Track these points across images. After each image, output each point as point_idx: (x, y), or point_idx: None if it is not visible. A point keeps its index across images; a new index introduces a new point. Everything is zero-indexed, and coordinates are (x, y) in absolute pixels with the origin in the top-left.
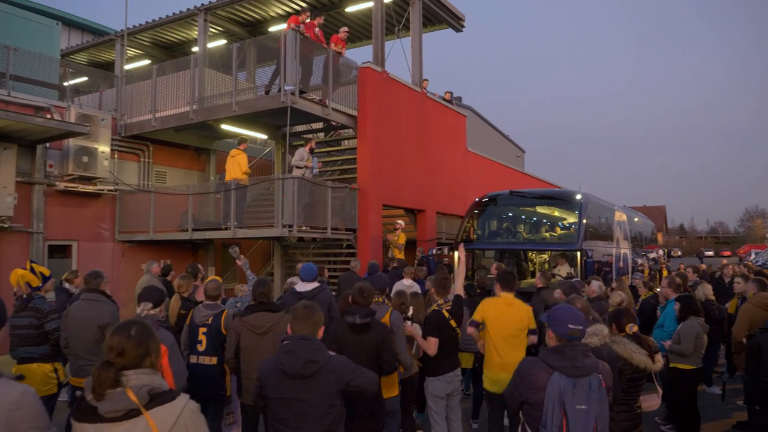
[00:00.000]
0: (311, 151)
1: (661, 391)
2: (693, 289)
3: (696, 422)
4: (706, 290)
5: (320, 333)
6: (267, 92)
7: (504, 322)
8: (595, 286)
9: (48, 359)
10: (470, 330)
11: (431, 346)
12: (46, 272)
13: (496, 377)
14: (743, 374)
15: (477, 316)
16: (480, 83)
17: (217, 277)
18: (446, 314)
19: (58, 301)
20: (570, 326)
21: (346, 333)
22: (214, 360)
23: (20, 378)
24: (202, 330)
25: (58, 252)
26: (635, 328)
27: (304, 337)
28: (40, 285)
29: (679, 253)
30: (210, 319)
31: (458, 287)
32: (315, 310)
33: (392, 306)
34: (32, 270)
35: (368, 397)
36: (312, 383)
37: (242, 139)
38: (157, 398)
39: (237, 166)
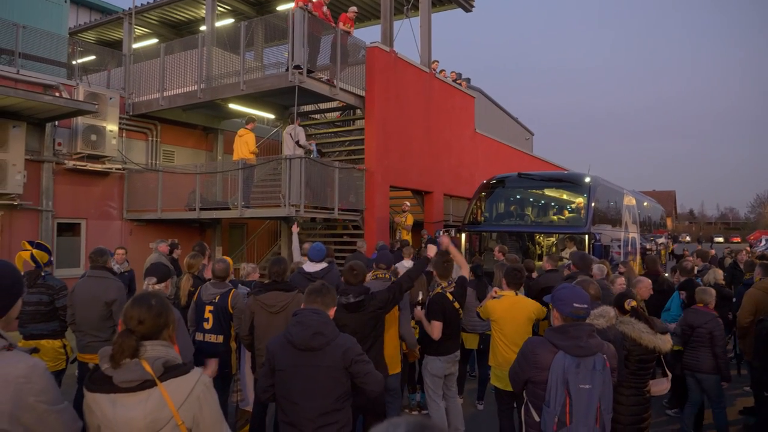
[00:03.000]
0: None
1: (670, 375)
2: (702, 274)
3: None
4: (717, 275)
5: (331, 313)
6: (287, 69)
7: (509, 320)
8: (596, 269)
9: (57, 335)
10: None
11: (435, 329)
12: (45, 257)
13: (504, 374)
14: (750, 359)
15: (483, 313)
16: (489, 65)
17: (228, 258)
18: (450, 297)
19: None
20: (575, 305)
21: (342, 313)
22: (220, 338)
23: (34, 351)
24: (209, 308)
25: (67, 230)
26: (633, 303)
27: (314, 310)
28: (49, 261)
29: (688, 239)
30: (217, 298)
31: (465, 272)
32: (330, 290)
33: None
34: (34, 252)
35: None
36: (319, 356)
37: (250, 119)
38: (171, 370)
39: (244, 146)
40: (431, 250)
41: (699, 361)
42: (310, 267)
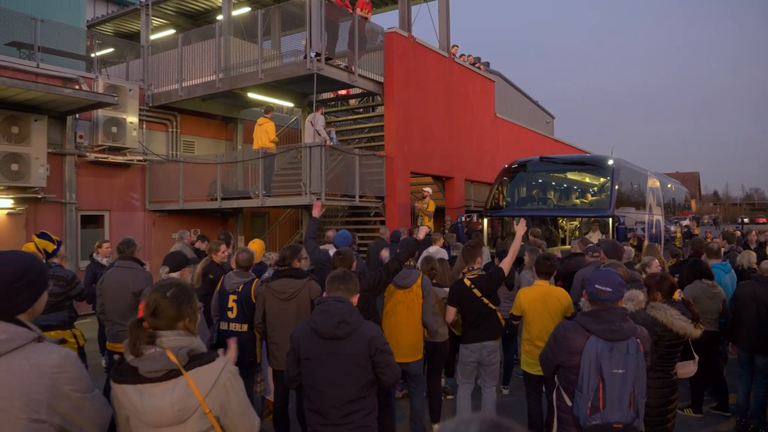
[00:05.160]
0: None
1: (697, 358)
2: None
3: (722, 388)
4: (750, 258)
5: (355, 300)
6: (305, 57)
7: (542, 312)
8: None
9: (66, 326)
10: (515, 323)
11: (447, 313)
12: (50, 246)
13: (534, 360)
14: None
15: (515, 310)
16: (509, 48)
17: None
18: (468, 283)
19: (87, 270)
20: (596, 286)
21: None
22: (244, 327)
23: (62, 342)
24: (232, 297)
25: (91, 222)
26: (682, 295)
27: (338, 298)
28: (55, 250)
29: (708, 221)
30: (240, 287)
31: (506, 264)
32: (352, 276)
33: (422, 271)
34: (36, 242)
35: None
36: (344, 345)
37: (269, 108)
38: (196, 359)
39: (264, 134)
40: (422, 232)
41: None
42: None
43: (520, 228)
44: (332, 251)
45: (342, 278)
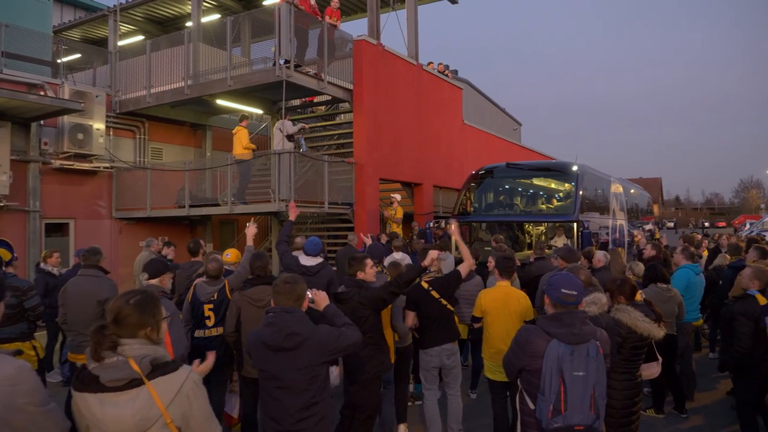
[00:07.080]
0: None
1: (660, 359)
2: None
3: (678, 390)
4: (724, 262)
5: (304, 305)
6: (274, 64)
7: (503, 313)
8: (601, 255)
9: (26, 338)
10: (476, 326)
11: (408, 318)
12: (7, 255)
13: (497, 366)
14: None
15: (476, 311)
16: (476, 56)
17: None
18: (425, 285)
19: (37, 281)
20: (562, 290)
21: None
22: (220, 330)
23: (18, 353)
24: (208, 306)
25: (56, 230)
26: (644, 296)
27: (286, 309)
28: (11, 259)
29: (671, 225)
30: (215, 295)
31: (464, 268)
32: (297, 282)
33: (390, 276)
34: None
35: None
36: (293, 356)
37: (243, 116)
38: (159, 368)
39: (238, 142)
40: (428, 259)
41: None
42: (306, 260)
43: (454, 232)
44: (302, 258)
45: (288, 291)
